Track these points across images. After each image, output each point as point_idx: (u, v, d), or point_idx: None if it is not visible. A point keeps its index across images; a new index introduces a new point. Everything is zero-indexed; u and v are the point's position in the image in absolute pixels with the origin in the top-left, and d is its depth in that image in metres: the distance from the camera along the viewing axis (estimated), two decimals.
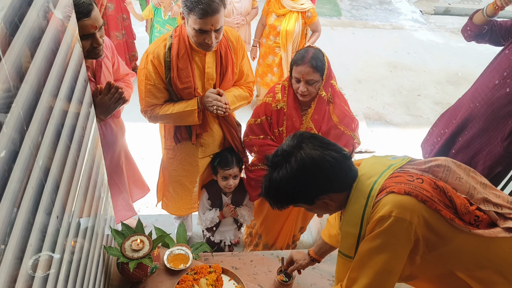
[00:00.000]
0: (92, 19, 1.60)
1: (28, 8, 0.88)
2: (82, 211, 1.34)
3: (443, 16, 7.40)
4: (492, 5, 2.21)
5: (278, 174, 1.20)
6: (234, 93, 2.13)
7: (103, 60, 1.89)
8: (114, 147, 2.19)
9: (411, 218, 1.12)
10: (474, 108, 2.31)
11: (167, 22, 4.08)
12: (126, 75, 2.20)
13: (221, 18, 1.79)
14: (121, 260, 1.67)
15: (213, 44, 1.86)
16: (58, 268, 1.10)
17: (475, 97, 2.31)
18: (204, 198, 2.38)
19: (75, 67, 1.28)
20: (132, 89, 2.20)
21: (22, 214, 0.84)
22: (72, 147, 1.21)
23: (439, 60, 5.88)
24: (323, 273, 1.92)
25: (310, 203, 1.25)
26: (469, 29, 2.36)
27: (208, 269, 1.80)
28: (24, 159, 0.85)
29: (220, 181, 2.27)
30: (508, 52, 2.19)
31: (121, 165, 2.32)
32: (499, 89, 2.18)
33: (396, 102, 4.89)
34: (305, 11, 3.51)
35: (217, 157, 2.26)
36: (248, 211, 2.41)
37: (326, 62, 1.96)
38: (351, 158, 1.25)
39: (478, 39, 2.36)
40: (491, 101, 2.22)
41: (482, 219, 1.17)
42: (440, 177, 1.22)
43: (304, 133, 1.27)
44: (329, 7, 7.20)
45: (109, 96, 1.78)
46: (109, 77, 1.96)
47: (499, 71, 2.20)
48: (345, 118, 2.07)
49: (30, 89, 0.88)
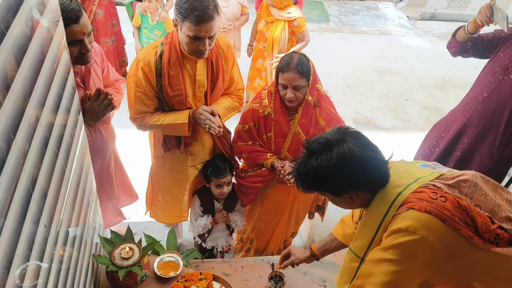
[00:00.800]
0: (81, 25, 1.59)
1: (15, 16, 0.88)
2: (70, 219, 1.33)
3: (430, 22, 7.50)
4: (472, 23, 2.20)
5: (316, 161, 1.22)
6: (224, 104, 2.14)
7: (92, 66, 1.88)
8: (105, 153, 2.17)
9: (428, 235, 1.12)
10: (466, 121, 2.33)
11: (155, 28, 4.09)
12: (116, 81, 2.19)
13: (215, 25, 1.80)
14: (110, 268, 1.65)
15: (206, 51, 1.86)
16: (47, 277, 1.08)
17: (466, 110, 2.33)
18: (196, 205, 2.37)
19: (63, 75, 1.27)
20: (123, 95, 2.19)
21: (9, 223, 0.83)
22: (60, 155, 1.20)
23: (426, 65, 5.95)
24: (314, 278, 1.92)
25: (337, 195, 1.28)
26: (453, 46, 2.38)
27: (199, 276, 1.79)
28: (11, 168, 0.84)
29: (214, 189, 2.26)
30: (494, 64, 2.22)
31: (112, 171, 2.30)
32: (488, 102, 2.21)
33: (384, 106, 4.94)
34: (292, 20, 3.53)
35: (209, 166, 2.24)
36: (240, 216, 2.41)
37: (311, 67, 1.98)
38: (388, 163, 1.27)
39: (463, 54, 2.37)
40: (481, 115, 2.24)
41: (503, 237, 1.18)
42: (465, 193, 1.22)
43: (349, 128, 1.29)
44: (317, 13, 7.26)
45: (98, 103, 1.78)
46: (99, 83, 1.95)
47: (487, 84, 2.22)
48: (332, 120, 2.09)
49: (16, 97, 0.87)
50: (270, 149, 2.17)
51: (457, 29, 2.33)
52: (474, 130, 2.29)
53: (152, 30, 4.09)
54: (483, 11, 2.11)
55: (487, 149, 2.29)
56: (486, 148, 2.29)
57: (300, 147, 2.09)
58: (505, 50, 2.18)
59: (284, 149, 2.14)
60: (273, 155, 2.16)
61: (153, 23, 4.06)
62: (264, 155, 2.15)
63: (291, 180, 2.08)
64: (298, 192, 2.29)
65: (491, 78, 2.20)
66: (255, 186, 2.23)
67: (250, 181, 2.23)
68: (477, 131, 2.28)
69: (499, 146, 2.26)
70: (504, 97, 2.14)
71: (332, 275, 1.94)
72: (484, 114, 2.23)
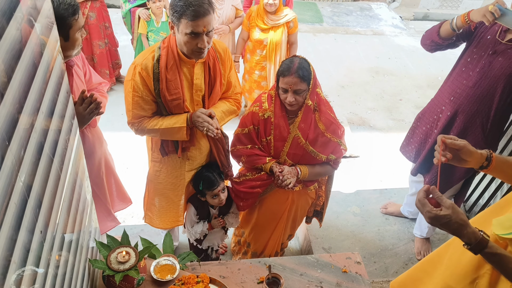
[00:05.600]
0: (81, 19, 1.65)
1: (8, 22, 0.88)
2: (66, 224, 1.32)
3: (423, 22, 7.56)
4: (463, 18, 2.14)
5: None
6: (222, 108, 2.14)
7: (73, 69, 1.87)
8: (93, 157, 2.15)
9: None
10: (458, 108, 2.33)
11: (161, 29, 4.05)
12: (99, 84, 2.18)
13: (212, 21, 1.80)
14: (107, 273, 1.64)
15: (205, 48, 1.86)
16: (43, 282, 1.08)
17: (456, 98, 2.33)
18: (192, 213, 2.35)
19: (57, 79, 1.26)
20: (107, 98, 2.18)
21: (5, 230, 0.83)
22: (55, 161, 1.19)
23: (420, 64, 5.99)
24: (311, 279, 1.93)
25: None
26: (434, 42, 2.34)
27: (196, 279, 1.79)
28: (6, 175, 0.84)
29: (211, 200, 2.25)
30: (477, 49, 2.22)
31: (101, 175, 2.28)
32: (479, 87, 2.22)
33: (378, 106, 4.96)
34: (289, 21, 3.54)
35: (198, 181, 2.21)
36: (234, 218, 2.41)
37: (312, 71, 1.98)
38: None
39: (441, 49, 2.38)
40: (473, 99, 2.26)
41: None
42: None
43: None
44: (311, 14, 7.28)
45: (84, 106, 1.77)
46: (82, 86, 1.95)
47: (474, 69, 2.23)
48: (331, 125, 2.09)
49: (11, 103, 0.87)
50: (269, 153, 2.17)
51: (439, 24, 2.31)
52: (466, 116, 2.32)
53: (158, 32, 4.06)
54: (488, 14, 1.99)
55: (480, 132, 2.33)
56: (478, 131, 2.33)
57: (299, 151, 2.11)
58: (484, 35, 2.20)
59: (283, 153, 2.14)
60: (272, 159, 2.16)
61: (159, 25, 4.03)
62: (263, 159, 2.15)
63: (289, 185, 2.08)
64: (297, 197, 2.32)
65: (477, 63, 2.22)
66: (254, 191, 2.23)
67: (249, 186, 2.23)
68: (469, 116, 2.32)
69: (491, 127, 2.31)
70: (494, 79, 2.17)
71: (328, 276, 1.95)
72: (475, 99, 2.26)
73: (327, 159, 2.15)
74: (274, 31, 3.55)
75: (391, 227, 3.07)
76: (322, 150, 2.12)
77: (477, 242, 1.23)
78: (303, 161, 2.16)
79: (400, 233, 3.03)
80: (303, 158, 2.14)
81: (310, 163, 2.17)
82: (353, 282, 1.93)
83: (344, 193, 3.30)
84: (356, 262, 2.03)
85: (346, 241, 2.93)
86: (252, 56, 3.75)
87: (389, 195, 3.32)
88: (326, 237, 2.93)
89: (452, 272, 1.53)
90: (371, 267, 2.78)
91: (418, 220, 2.93)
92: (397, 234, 3.02)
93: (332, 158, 2.16)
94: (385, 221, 3.11)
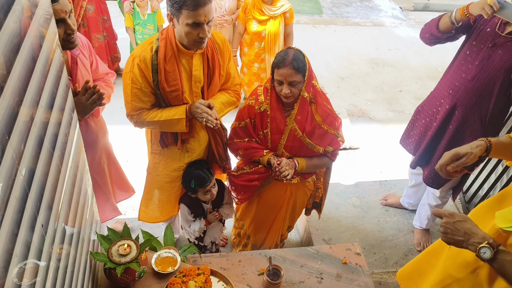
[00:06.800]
0: (61, 3, 1.59)
1: (6, 15, 0.87)
2: (67, 217, 1.33)
3: (422, 12, 7.51)
4: (462, 12, 2.12)
5: None
6: (221, 99, 2.13)
7: (78, 57, 1.86)
8: (95, 147, 2.15)
9: None
10: (456, 101, 2.33)
11: (147, 22, 4.05)
12: (106, 74, 2.17)
13: (211, 9, 1.80)
14: (108, 265, 1.65)
15: (206, 38, 1.85)
16: (45, 275, 1.09)
17: (455, 91, 2.33)
18: (186, 213, 2.35)
19: (56, 73, 1.26)
20: (113, 89, 2.18)
21: (6, 224, 0.83)
22: (55, 154, 1.19)
23: (419, 56, 5.96)
24: (311, 270, 1.94)
25: None
26: (434, 35, 2.33)
27: (197, 271, 1.80)
28: (7, 169, 0.84)
29: (203, 197, 2.26)
30: (476, 43, 2.21)
31: (103, 165, 2.28)
32: (478, 80, 2.22)
33: (378, 98, 4.95)
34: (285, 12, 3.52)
35: (189, 179, 2.20)
36: (229, 208, 2.43)
37: (307, 62, 1.97)
38: None
39: (441, 42, 2.38)
40: (472, 93, 2.26)
41: None
42: None
43: None
44: (310, 5, 7.23)
45: (86, 96, 1.76)
46: (87, 75, 1.94)
47: (473, 62, 2.22)
48: (328, 117, 2.09)
49: (10, 96, 0.87)
50: (266, 146, 2.17)
51: (437, 18, 2.29)
52: (465, 109, 2.32)
53: (145, 25, 4.05)
54: (487, 7, 1.97)
55: (478, 125, 2.33)
56: (477, 124, 2.33)
57: (296, 144, 2.11)
58: (483, 28, 2.19)
59: (280, 145, 2.14)
60: (269, 151, 2.16)
61: (145, 18, 4.02)
62: (261, 151, 2.15)
63: (287, 177, 2.08)
64: (295, 189, 2.32)
65: (476, 56, 2.21)
66: (252, 184, 2.23)
67: (247, 179, 2.23)
68: (467, 109, 2.31)
69: (490, 120, 2.31)
70: (494, 72, 2.17)
71: (329, 267, 1.96)
72: (474, 92, 2.26)
73: (324, 151, 2.15)
74: (272, 22, 3.53)
75: (391, 218, 3.08)
76: (319, 142, 2.11)
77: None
78: (300, 154, 2.16)
79: (400, 224, 3.04)
80: (300, 150, 2.14)
81: (307, 155, 2.17)
82: (353, 273, 1.95)
83: (344, 184, 3.31)
84: (356, 253, 2.04)
85: (346, 233, 2.94)
86: (250, 49, 3.73)
87: (389, 187, 3.33)
88: (326, 229, 2.94)
89: (453, 261, 1.55)
90: (371, 258, 2.79)
91: (418, 211, 2.94)
92: (396, 226, 3.03)
93: (329, 150, 2.16)
94: (385, 212, 3.12)
